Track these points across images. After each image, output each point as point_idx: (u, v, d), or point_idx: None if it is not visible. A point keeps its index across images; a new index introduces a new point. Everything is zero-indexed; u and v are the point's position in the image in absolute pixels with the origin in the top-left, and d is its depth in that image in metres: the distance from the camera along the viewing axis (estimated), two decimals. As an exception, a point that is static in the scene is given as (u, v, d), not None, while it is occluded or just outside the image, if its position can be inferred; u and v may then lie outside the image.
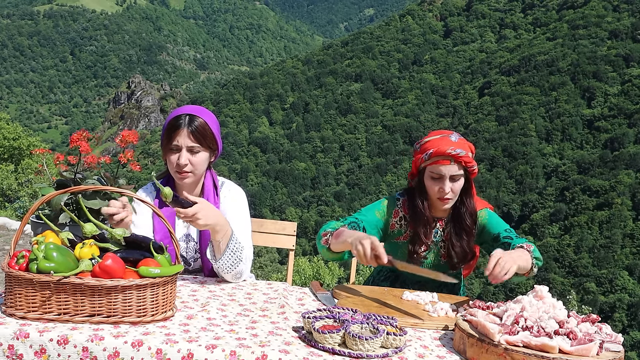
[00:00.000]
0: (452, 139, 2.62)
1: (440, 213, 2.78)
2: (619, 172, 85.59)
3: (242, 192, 2.82)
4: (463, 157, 2.59)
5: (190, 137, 2.52)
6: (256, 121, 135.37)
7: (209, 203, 2.34)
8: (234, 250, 2.46)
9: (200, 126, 2.55)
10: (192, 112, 2.58)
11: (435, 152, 2.59)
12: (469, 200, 2.75)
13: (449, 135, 2.65)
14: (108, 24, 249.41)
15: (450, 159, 2.58)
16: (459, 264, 2.77)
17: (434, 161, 2.61)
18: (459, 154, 2.58)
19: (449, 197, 2.64)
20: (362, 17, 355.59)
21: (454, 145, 2.59)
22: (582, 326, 1.86)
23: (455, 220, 2.76)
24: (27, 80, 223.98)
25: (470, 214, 2.74)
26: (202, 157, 2.58)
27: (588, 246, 76.71)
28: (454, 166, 2.60)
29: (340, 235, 2.49)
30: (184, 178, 2.59)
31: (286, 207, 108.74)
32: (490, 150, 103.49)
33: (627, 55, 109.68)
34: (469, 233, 2.75)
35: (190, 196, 2.30)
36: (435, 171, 2.62)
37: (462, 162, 2.60)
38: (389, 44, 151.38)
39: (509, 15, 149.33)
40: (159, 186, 2.22)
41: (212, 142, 2.61)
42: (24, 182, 19.57)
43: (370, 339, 1.80)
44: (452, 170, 2.60)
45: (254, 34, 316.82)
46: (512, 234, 2.70)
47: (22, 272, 1.85)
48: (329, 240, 2.57)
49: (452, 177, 2.62)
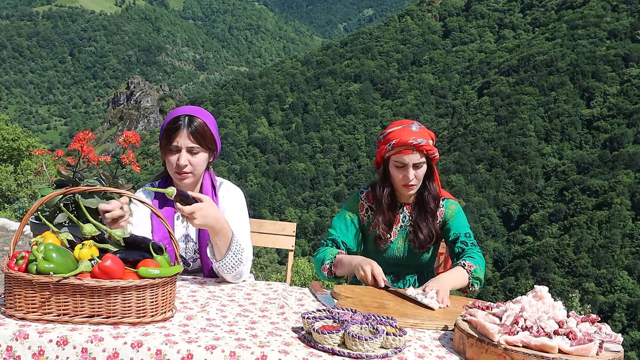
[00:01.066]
0: (413, 129, 2.77)
1: (405, 198, 2.95)
2: (618, 172, 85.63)
3: (241, 192, 2.82)
4: (424, 146, 2.74)
5: (190, 138, 2.53)
6: (255, 122, 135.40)
7: (213, 203, 2.33)
8: (235, 253, 2.45)
9: (200, 127, 2.55)
10: (191, 112, 2.59)
11: (397, 142, 2.74)
12: (431, 185, 2.91)
13: (410, 125, 2.79)
14: (107, 25, 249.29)
15: (412, 149, 2.73)
16: (426, 245, 2.90)
17: (397, 151, 2.76)
18: (420, 143, 2.72)
19: (413, 183, 2.80)
20: (361, 18, 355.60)
21: (415, 134, 2.74)
22: (581, 326, 1.85)
23: (420, 204, 2.93)
24: (26, 81, 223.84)
25: (434, 197, 2.90)
26: (202, 157, 2.59)
27: (587, 246, 76.71)
28: (416, 155, 2.75)
29: (341, 264, 2.76)
30: (184, 179, 2.59)
31: (285, 208, 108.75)
32: (490, 151, 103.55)
33: (626, 55, 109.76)
34: (433, 215, 2.90)
35: (198, 194, 2.29)
36: (399, 160, 2.77)
37: (424, 151, 2.75)
38: (388, 45, 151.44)
39: (508, 15, 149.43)
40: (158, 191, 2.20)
41: (212, 143, 2.61)
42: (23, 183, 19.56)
43: (369, 339, 1.79)
44: (414, 159, 2.75)
45: (253, 35, 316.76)
46: (470, 239, 2.84)
47: (21, 273, 1.84)
48: (332, 271, 2.81)
49: (415, 165, 2.77)
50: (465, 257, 2.73)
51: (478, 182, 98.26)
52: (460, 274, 2.63)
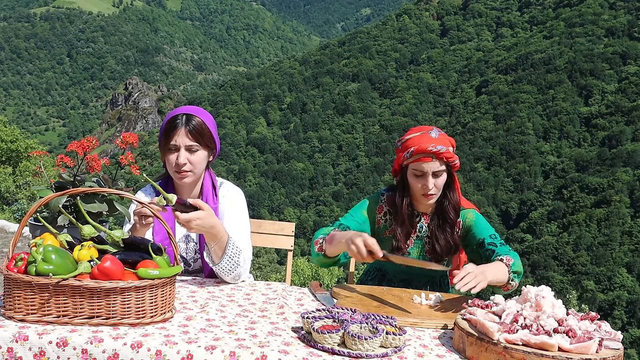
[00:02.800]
0: (433, 136, 2.63)
1: (424, 208, 2.80)
2: (616, 170, 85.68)
3: (241, 192, 2.82)
4: (444, 153, 2.60)
5: (188, 136, 2.54)
6: (254, 122, 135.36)
7: (211, 211, 2.33)
8: (232, 256, 2.45)
9: (198, 125, 2.56)
10: (189, 111, 2.60)
11: (416, 149, 2.60)
12: (451, 194, 2.75)
13: (429, 132, 2.65)
14: (105, 26, 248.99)
15: (431, 156, 2.60)
16: (443, 257, 2.79)
17: (416, 159, 2.62)
18: (440, 150, 2.58)
19: (432, 193, 2.66)
20: (359, 17, 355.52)
21: (435, 142, 2.60)
22: (581, 324, 1.85)
23: (439, 214, 2.78)
24: (25, 83, 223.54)
25: (454, 207, 2.75)
26: (201, 156, 2.60)
27: (586, 244, 76.79)
28: (436, 163, 2.61)
29: (332, 239, 2.53)
30: (184, 177, 2.60)
31: (284, 208, 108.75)
32: (488, 149, 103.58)
33: (624, 52, 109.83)
34: (452, 226, 2.77)
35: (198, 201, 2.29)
36: (417, 168, 2.64)
37: (444, 158, 2.61)
38: (386, 44, 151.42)
39: (506, 13, 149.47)
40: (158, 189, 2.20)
41: (210, 141, 2.62)
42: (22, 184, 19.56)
43: (369, 338, 1.79)
44: (434, 167, 2.61)
45: (250, 35, 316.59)
46: (497, 240, 2.70)
47: (20, 274, 1.84)
48: (323, 247, 2.60)
49: (435, 173, 2.63)
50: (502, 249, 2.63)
51: (477, 181, 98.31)
52: (501, 268, 2.47)
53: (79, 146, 2.29)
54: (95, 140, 2.40)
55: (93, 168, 2.32)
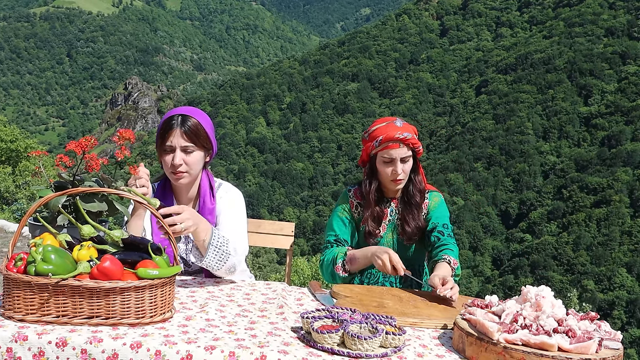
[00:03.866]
0: (398, 125, 2.84)
1: (392, 193, 2.99)
2: (616, 170, 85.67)
3: (240, 194, 2.83)
4: (410, 140, 2.80)
5: (184, 137, 2.55)
6: (253, 121, 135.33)
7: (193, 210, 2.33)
8: (219, 245, 2.44)
9: (193, 126, 2.57)
10: (184, 112, 2.61)
11: (384, 137, 2.79)
12: (416, 178, 2.96)
13: (394, 122, 2.86)
14: (104, 26, 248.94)
15: (399, 143, 2.80)
16: (413, 236, 2.94)
17: (385, 146, 2.81)
18: (407, 137, 2.79)
19: (401, 178, 2.85)
20: (359, 17, 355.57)
21: (400, 129, 2.81)
22: (581, 324, 1.85)
23: (406, 197, 2.97)
24: (24, 83, 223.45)
25: (419, 190, 2.96)
26: (197, 156, 2.60)
27: (586, 244, 76.77)
28: (403, 149, 2.81)
29: (354, 259, 2.78)
30: (180, 178, 2.60)
31: (284, 208, 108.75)
32: (488, 149, 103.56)
33: (624, 52, 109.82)
34: (419, 207, 2.96)
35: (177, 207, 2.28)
36: (386, 155, 2.82)
37: (410, 144, 2.82)
38: (386, 44, 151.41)
39: (505, 13, 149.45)
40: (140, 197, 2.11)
41: (206, 142, 2.62)
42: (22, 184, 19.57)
43: (369, 338, 1.79)
44: (401, 153, 2.81)
45: (250, 35, 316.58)
46: (447, 230, 2.89)
47: (20, 274, 1.84)
48: (347, 269, 2.81)
49: (402, 159, 2.83)
50: (445, 250, 2.76)
51: (476, 181, 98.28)
52: (448, 270, 2.65)
53: (77, 145, 2.28)
54: (93, 139, 2.40)
55: (92, 168, 2.32)
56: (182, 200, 2.77)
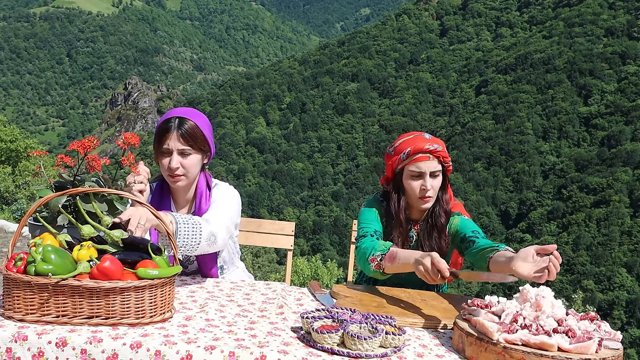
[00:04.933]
0: (426, 137, 2.64)
1: (417, 214, 2.78)
2: (616, 170, 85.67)
3: (235, 192, 2.79)
4: (441, 152, 2.61)
5: (180, 140, 2.52)
6: (253, 121, 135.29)
7: (139, 209, 2.16)
8: (185, 220, 2.28)
9: (190, 128, 2.54)
10: (181, 114, 2.57)
11: (413, 149, 2.60)
12: (444, 197, 2.73)
13: (422, 134, 2.67)
14: (104, 26, 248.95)
15: (429, 155, 2.60)
16: None
17: (413, 159, 2.61)
18: (437, 148, 2.60)
19: (430, 194, 2.64)
20: (358, 17, 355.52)
21: (430, 141, 2.61)
22: (580, 324, 1.85)
23: (429, 220, 2.75)
24: (24, 83, 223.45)
25: (445, 211, 2.73)
26: (194, 159, 2.58)
27: (586, 244, 76.77)
28: (434, 162, 2.61)
29: (395, 258, 2.41)
30: (177, 181, 2.59)
31: (284, 208, 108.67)
32: (488, 149, 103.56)
33: (623, 52, 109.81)
34: (441, 231, 2.73)
35: (126, 213, 2.14)
36: (415, 169, 2.62)
37: (440, 157, 2.62)
38: (386, 44, 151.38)
39: (505, 13, 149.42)
40: (102, 231, 2.04)
41: (204, 144, 2.60)
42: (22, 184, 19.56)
43: (369, 338, 1.79)
44: (431, 167, 2.61)
45: (250, 35, 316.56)
46: (480, 234, 2.65)
47: (20, 274, 1.84)
48: (381, 265, 2.46)
49: (432, 173, 2.62)
50: (485, 242, 2.55)
51: (476, 181, 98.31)
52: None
53: (80, 146, 2.29)
54: (96, 140, 2.40)
55: (93, 168, 2.32)
56: (179, 202, 2.75)
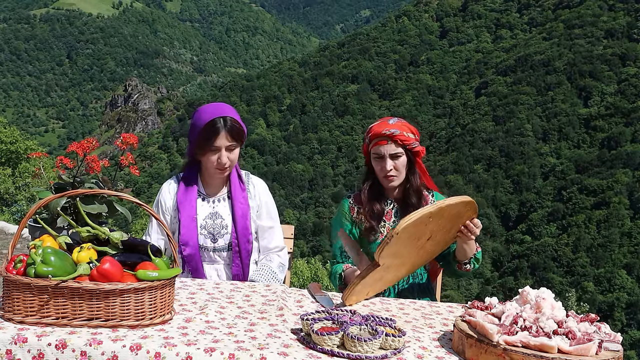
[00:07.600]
0: (390, 122, 2.89)
1: (391, 192, 3.01)
2: (616, 171, 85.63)
3: (265, 185, 3.11)
4: (398, 136, 2.82)
5: (228, 138, 2.77)
6: (253, 123, 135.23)
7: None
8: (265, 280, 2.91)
9: (235, 127, 2.80)
10: (224, 114, 2.78)
11: (373, 134, 2.88)
12: (413, 178, 2.95)
13: (388, 120, 2.92)
14: (104, 28, 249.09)
15: (387, 139, 2.83)
16: None
17: (374, 143, 2.88)
18: (394, 133, 2.82)
19: (392, 174, 2.87)
20: (358, 19, 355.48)
21: (390, 127, 2.85)
22: (581, 326, 1.85)
23: (403, 199, 3.00)
24: (24, 84, 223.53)
25: (415, 191, 2.95)
26: (238, 152, 2.88)
27: (586, 245, 76.71)
28: (391, 145, 2.83)
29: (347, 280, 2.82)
30: (224, 173, 2.88)
31: (284, 209, 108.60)
32: (488, 150, 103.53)
33: (623, 54, 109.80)
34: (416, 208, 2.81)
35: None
36: (376, 152, 2.88)
37: (399, 141, 2.83)
38: (385, 45, 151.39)
39: (505, 15, 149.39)
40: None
41: (244, 137, 2.88)
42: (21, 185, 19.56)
43: (369, 340, 1.79)
44: (390, 150, 2.84)
45: (250, 36, 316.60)
46: None
47: (19, 276, 1.84)
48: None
49: (392, 155, 2.85)
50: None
51: (476, 182, 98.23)
52: (474, 248, 2.73)
53: (79, 147, 2.29)
54: (95, 141, 2.40)
55: (93, 169, 2.32)
56: (212, 184, 2.99)
